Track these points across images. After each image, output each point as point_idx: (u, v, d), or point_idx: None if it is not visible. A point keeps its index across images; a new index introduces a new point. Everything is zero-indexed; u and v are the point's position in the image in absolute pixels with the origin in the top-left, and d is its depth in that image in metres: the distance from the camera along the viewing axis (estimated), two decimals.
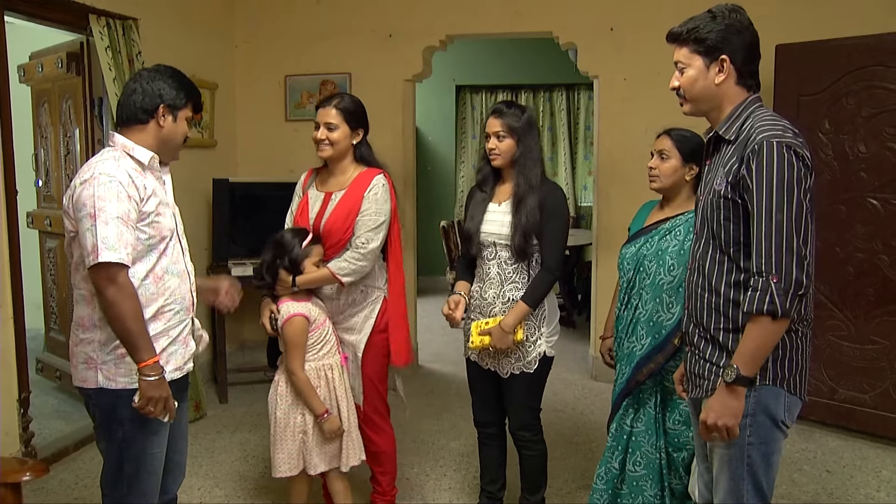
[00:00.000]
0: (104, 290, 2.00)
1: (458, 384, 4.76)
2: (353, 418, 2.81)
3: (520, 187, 2.72)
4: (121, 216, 2.01)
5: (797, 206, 1.73)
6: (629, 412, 2.70)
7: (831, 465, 3.64)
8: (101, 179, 2.02)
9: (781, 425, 1.90)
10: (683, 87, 1.94)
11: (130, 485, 2.19)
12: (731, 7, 1.91)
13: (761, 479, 1.90)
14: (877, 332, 3.84)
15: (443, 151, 8.40)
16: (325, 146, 2.78)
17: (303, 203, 2.88)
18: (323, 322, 2.76)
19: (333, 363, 2.78)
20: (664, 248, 2.56)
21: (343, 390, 2.78)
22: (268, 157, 5.14)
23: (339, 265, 2.73)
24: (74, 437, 3.83)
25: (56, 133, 4.35)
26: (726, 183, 1.85)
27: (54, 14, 3.64)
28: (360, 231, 2.75)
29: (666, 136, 2.59)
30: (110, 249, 1.97)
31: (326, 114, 2.77)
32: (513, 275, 2.76)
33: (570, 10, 4.73)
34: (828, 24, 4.09)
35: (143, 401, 2.04)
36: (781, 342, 1.83)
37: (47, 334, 4.75)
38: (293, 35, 5.10)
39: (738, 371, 1.78)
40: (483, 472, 3.07)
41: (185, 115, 2.23)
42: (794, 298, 1.73)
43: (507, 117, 2.73)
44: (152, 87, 2.17)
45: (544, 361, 2.80)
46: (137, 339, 2.02)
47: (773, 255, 1.73)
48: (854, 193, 3.86)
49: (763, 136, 1.78)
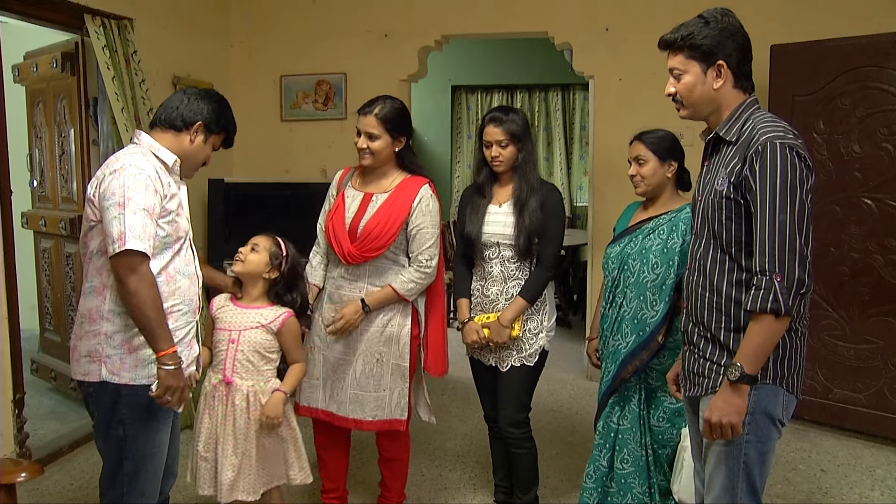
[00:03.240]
0: (126, 279, 2.02)
1: (453, 384, 4.76)
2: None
3: (522, 190, 2.77)
4: (147, 208, 2.06)
5: (800, 206, 1.76)
6: (615, 410, 2.74)
7: (826, 465, 3.65)
8: (131, 171, 2.07)
9: (778, 423, 1.92)
10: (681, 94, 1.95)
11: (129, 484, 2.18)
12: (723, 11, 1.92)
13: (756, 477, 1.92)
14: (871, 332, 3.86)
15: (438, 151, 8.40)
16: (366, 155, 2.73)
17: (338, 202, 2.82)
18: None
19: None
20: (648, 246, 2.61)
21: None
22: (263, 157, 5.13)
23: (405, 286, 2.74)
24: (69, 437, 3.82)
25: (51, 133, 4.34)
26: (728, 183, 1.87)
27: (49, 14, 3.63)
28: (422, 248, 2.75)
29: (638, 142, 2.65)
30: (136, 238, 2.01)
31: (367, 122, 2.70)
32: (516, 272, 2.81)
33: (565, 11, 4.73)
34: (823, 25, 4.10)
35: (162, 390, 2.06)
36: (782, 341, 1.85)
37: (42, 335, 4.73)
38: (289, 35, 5.10)
39: (743, 369, 1.80)
40: (496, 468, 3.11)
41: (215, 141, 2.31)
42: (796, 297, 1.76)
43: (508, 124, 2.75)
44: (198, 103, 2.25)
45: (542, 355, 2.86)
46: (157, 328, 2.05)
47: (776, 255, 1.75)
48: (848, 193, 3.88)
49: (766, 136, 1.80)
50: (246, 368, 2.53)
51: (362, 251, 2.72)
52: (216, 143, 2.32)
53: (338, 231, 2.76)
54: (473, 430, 4.02)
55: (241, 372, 2.52)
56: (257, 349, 2.54)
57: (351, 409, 2.79)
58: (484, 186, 2.88)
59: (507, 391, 2.88)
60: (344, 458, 3.01)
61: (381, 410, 2.79)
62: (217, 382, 2.53)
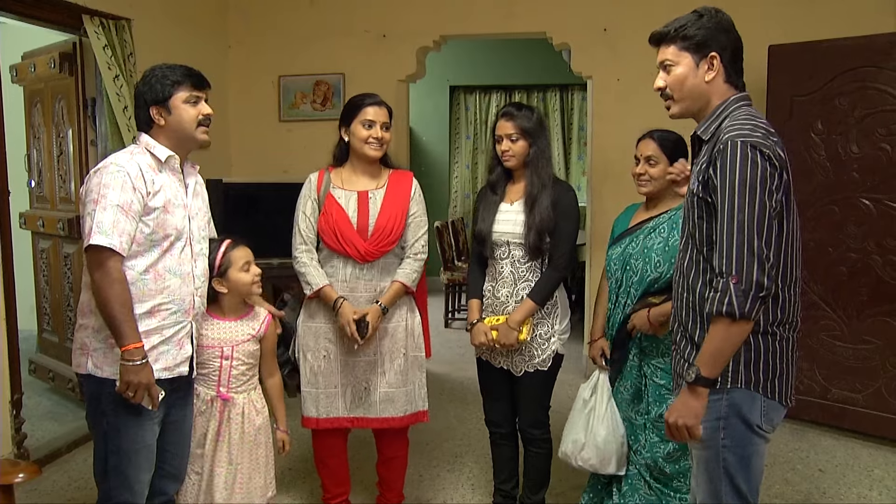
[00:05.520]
0: (92, 273, 2.08)
1: (451, 384, 4.77)
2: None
3: (533, 186, 2.74)
4: (121, 205, 2.07)
5: (759, 206, 1.71)
6: (622, 406, 2.74)
7: (824, 465, 3.65)
8: (110, 169, 2.12)
9: (757, 429, 1.86)
10: (671, 86, 1.92)
11: (116, 477, 2.21)
12: (716, 9, 1.91)
13: (739, 481, 1.87)
14: (869, 332, 3.86)
15: (436, 152, 8.41)
16: (379, 146, 2.75)
17: (329, 205, 2.75)
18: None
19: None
20: (649, 245, 2.62)
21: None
22: (261, 157, 5.13)
23: (410, 277, 2.77)
24: (67, 438, 3.82)
25: (49, 133, 4.34)
26: (698, 182, 1.85)
27: (47, 14, 3.63)
28: (418, 236, 2.80)
29: (651, 142, 2.64)
30: (102, 234, 2.04)
31: (383, 112, 2.75)
32: (526, 273, 2.78)
33: (563, 11, 4.73)
34: (821, 25, 4.11)
35: (123, 385, 2.08)
36: (754, 345, 1.81)
37: (40, 335, 4.72)
38: (287, 35, 5.10)
39: (699, 371, 1.77)
40: (497, 472, 3.07)
41: (180, 99, 2.24)
42: (754, 300, 1.70)
43: (519, 119, 2.75)
44: (138, 94, 2.26)
45: (556, 359, 2.83)
46: (121, 324, 2.06)
47: (733, 256, 1.71)
48: (847, 194, 3.88)
49: (729, 135, 1.76)
50: (240, 382, 2.50)
51: (378, 247, 2.72)
52: (182, 99, 2.24)
53: (346, 232, 2.72)
54: (472, 431, 4.02)
55: (236, 386, 2.49)
56: (249, 360, 2.52)
57: (382, 408, 2.80)
58: (497, 184, 2.87)
59: (525, 396, 2.86)
60: (346, 460, 3.00)
61: (410, 405, 2.83)
62: (209, 399, 2.48)
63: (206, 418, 2.48)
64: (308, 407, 2.80)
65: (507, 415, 2.95)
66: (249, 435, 2.50)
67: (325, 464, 2.95)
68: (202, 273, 2.34)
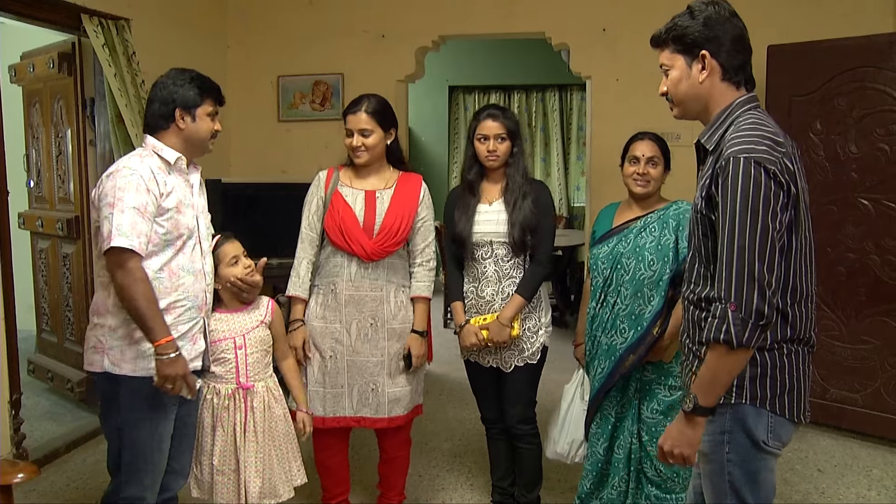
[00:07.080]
0: (114, 275, 2.13)
1: (450, 385, 4.77)
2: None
3: (515, 185, 2.80)
4: (137, 207, 2.13)
5: (762, 229, 1.60)
6: (613, 403, 2.75)
7: (823, 465, 3.65)
8: (123, 172, 2.17)
9: (763, 445, 1.77)
10: (670, 90, 1.86)
11: (129, 473, 2.26)
12: (713, 1, 1.80)
13: (746, 496, 1.78)
14: (868, 332, 3.86)
15: (435, 152, 8.41)
16: (361, 153, 2.74)
17: (337, 202, 2.76)
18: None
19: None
20: (642, 244, 2.65)
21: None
22: (260, 157, 5.13)
23: (429, 289, 2.83)
24: (66, 438, 3.81)
25: (47, 133, 4.33)
26: (701, 198, 1.76)
27: (46, 14, 3.62)
28: (427, 240, 2.85)
29: (654, 144, 2.71)
30: (122, 235, 2.09)
31: (358, 120, 2.71)
32: (510, 270, 2.81)
33: (562, 11, 4.73)
34: (820, 25, 4.11)
35: (161, 379, 2.13)
36: (760, 361, 1.73)
37: (39, 335, 4.72)
38: (286, 36, 5.09)
39: (696, 400, 1.68)
40: (494, 469, 3.10)
41: (205, 111, 2.32)
42: (753, 329, 1.61)
43: (505, 120, 2.79)
44: (165, 93, 2.29)
45: (543, 352, 2.88)
46: (149, 320, 2.11)
47: (732, 282, 1.61)
48: (845, 194, 3.88)
49: (731, 150, 1.66)
50: (257, 370, 2.55)
51: (384, 247, 2.74)
52: (206, 111, 2.32)
53: (352, 231, 2.72)
54: (471, 431, 4.02)
55: (254, 374, 2.54)
56: (262, 347, 2.57)
57: (389, 408, 2.81)
58: (474, 184, 2.89)
59: (513, 391, 2.88)
60: (347, 460, 3.00)
61: (412, 402, 2.88)
62: (230, 392, 2.50)
63: (230, 413, 2.50)
64: (315, 406, 2.81)
65: (502, 411, 2.97)
66: (272, 423, 2.55)
67: (325, 464, 2.94)
68: (212, 269, 2.42)
